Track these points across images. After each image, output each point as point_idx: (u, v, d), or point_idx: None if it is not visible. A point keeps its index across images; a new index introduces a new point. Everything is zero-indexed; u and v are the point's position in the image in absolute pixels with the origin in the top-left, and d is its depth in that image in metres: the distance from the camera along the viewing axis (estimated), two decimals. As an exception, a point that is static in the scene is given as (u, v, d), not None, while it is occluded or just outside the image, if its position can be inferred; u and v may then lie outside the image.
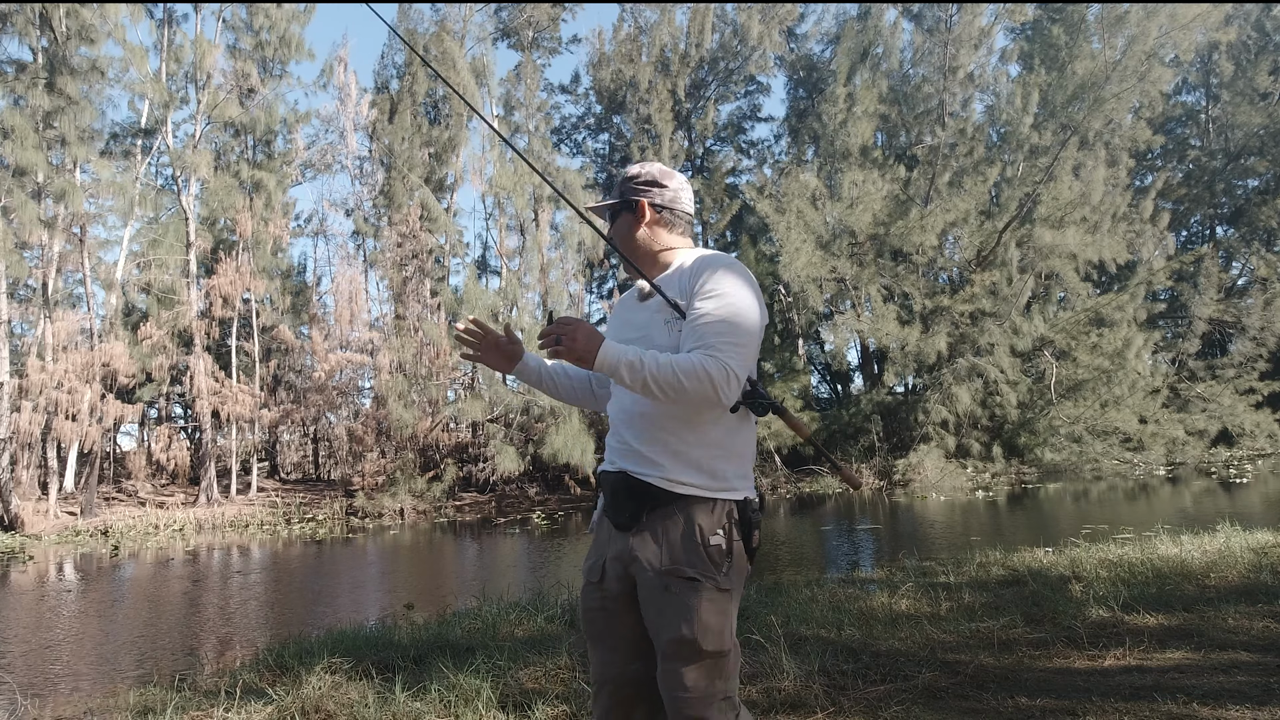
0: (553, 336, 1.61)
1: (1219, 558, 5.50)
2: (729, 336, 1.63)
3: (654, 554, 1.67)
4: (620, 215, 1.89)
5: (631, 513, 1.71)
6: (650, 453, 1.70)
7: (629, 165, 1.96)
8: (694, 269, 1.74)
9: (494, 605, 5.95)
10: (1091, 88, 22.37)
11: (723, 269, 1.71)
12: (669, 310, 1.72)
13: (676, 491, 1.67)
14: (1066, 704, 2.92)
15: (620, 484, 1.73)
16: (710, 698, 1.62)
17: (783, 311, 25.83)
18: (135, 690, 4.26)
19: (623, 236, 1.88)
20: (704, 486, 1.68)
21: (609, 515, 1.78)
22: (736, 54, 30.23)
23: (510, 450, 20.78)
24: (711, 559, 1.65)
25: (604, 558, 1.79)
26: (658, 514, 1.68)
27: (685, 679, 1.62)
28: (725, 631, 1.65)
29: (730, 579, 1.67)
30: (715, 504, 1.68)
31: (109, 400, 19.82)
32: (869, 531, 12.44)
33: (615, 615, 1.76)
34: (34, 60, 19.46)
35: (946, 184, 23.37)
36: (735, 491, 1.70)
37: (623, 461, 1.75)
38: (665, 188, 1.87)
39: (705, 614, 1.62)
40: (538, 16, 29.10)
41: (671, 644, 1.64)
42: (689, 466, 1.68)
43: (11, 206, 18.63)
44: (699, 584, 1.63)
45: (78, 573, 12.66)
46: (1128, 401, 21.35)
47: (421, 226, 24.61)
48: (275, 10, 23.65)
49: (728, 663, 1.66)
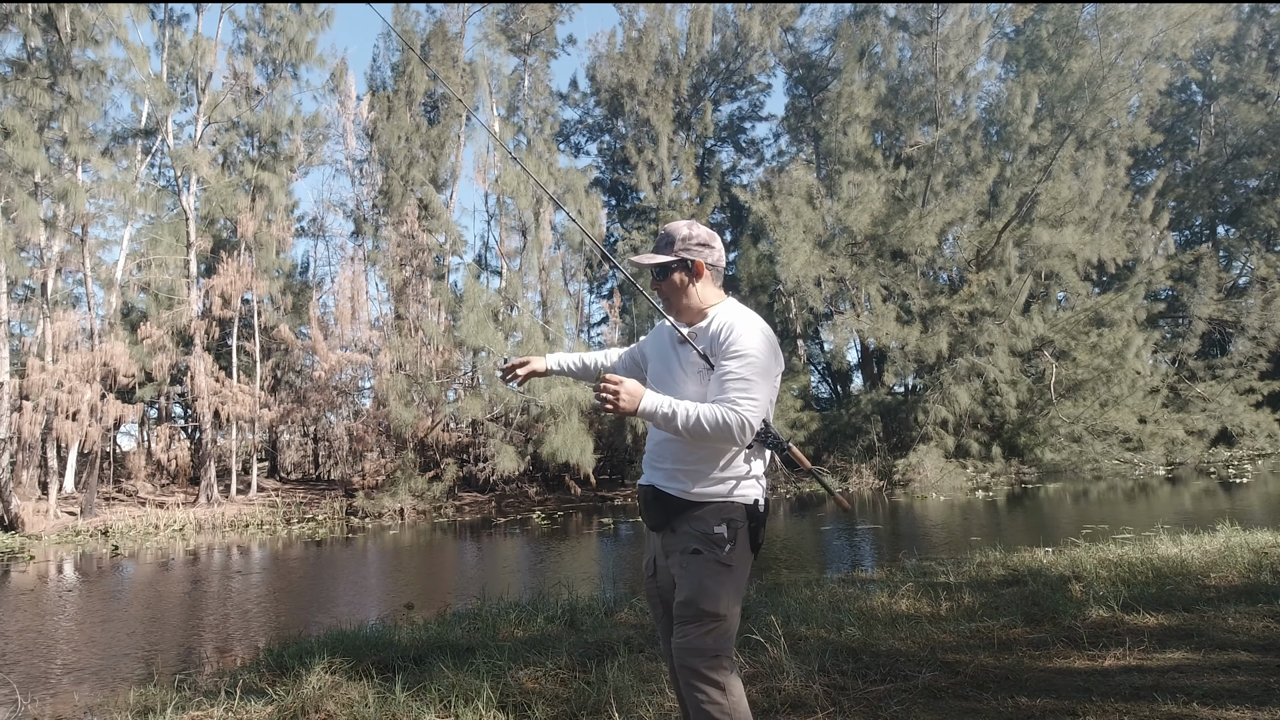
0: (603, 400, 1.98)
1: (1219, 558, 5.50)
2: (747, 392, 1.98)
3: (677, 545, 2.10)
4: (675, 271, 2.20)
5: (661, 518, 2.15)
6: (675, 470, 2.11)
7: (677, 224, 2.26)
8: (723, 327, 2.09)
9: (494, 605, 5.95)
10: (1089, 86, 22.37)
11: (750, 332, 2.06)
12: (700, 360, 2.10)
13: (694, 500, 2.08)
14: (1066, 704, 2.92)
15: (651, 495, 2.17)
16: (701, 651, 1.99)
17: (782, 311, 25.82)
18: (135, 690, 4.26)
19: (676, 290, 2.20)
20: (715, 495, 2.08)
21: (643, 520, 2.25)
22: (736, 54, 30.23)
23: (510, 449, 20.78)
24: (714, 540, 2.05)
25: (653, 554, 2.26)
26: (681, 518, 2.10)
27: (684, 632, 2.02)
28: (721, 598, 2.01)
29: (731, 557, 2.04)
30: (723, 506, 2.08)
31: (109, 400, 19.82)
32: (869, 531, 12.44)
33: (662, 599, 2.22)
34: (33, 61, 19.44)
35: (945, 184, 23.34)
36: (744, 497, 2.09)
37: (653, 476, 2.18)
38: (714, 249, 2.22)
39: (705, 579, 2.02)
40: (535, 19, 29.08)
41: (678, 605, 2.05)
42: (705, 483, 2.08)
43: (11, 206, 18.62)
44: (701, 554, 2.04)
45: (78, 573, 12.66)
46: (1127, 401, 21.34)
47: (421, 226, 24.60)
48: (290, 13, 23.62)
49: (722, 626, 2.02)
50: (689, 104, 29.54)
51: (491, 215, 27.18)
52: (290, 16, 23.72)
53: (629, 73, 27.81)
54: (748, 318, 2.11)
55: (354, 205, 28.44)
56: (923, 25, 24.60)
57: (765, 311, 25.24)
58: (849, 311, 24.34)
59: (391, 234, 24.71)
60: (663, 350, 2.27)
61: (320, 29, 24.41)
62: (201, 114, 22.92)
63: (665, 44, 28.59)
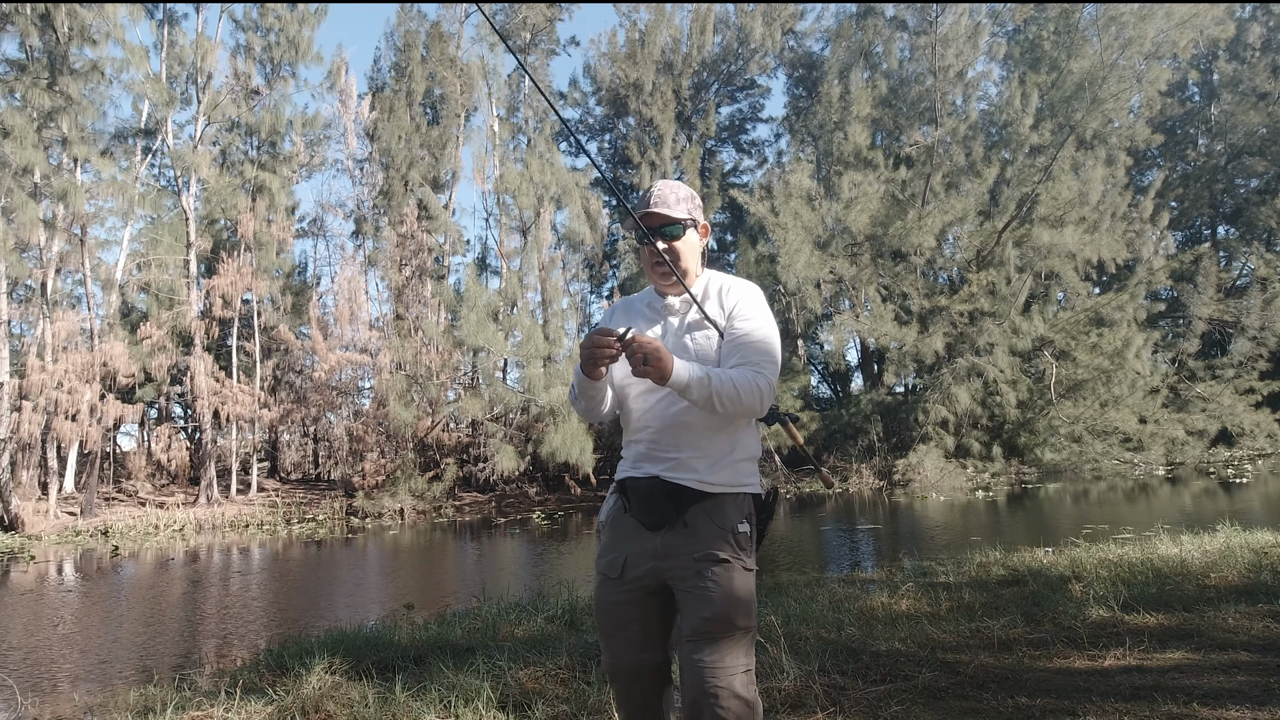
0: (640, 356, 1.70)
1: (1219, 558, 5.50)
2: (769, 355, 1.86)
3: (689, 546, 1.85)
4: (689, 229, 2.01)
5: (668, 513, 1.87)
6: (686, 458, 1.88)
7: (671, 183, 2.03)
8: (727, 291, 1.95)
9: (494, 605, 5.95)
10: (1089, 86, 22.36)
11: (754, 295, 1.95)
12: (701, 324, 1.92)
13: (709, 491, 1.87)
14: (1066, 704, 2.92)
15: (657, 488, 1.89)
16: (736, 669, 1.77)
17: (782, 311, 25.82)
18: (135, 690, 4.26)
19: (691, 251, 2.00)
20: (730, 484, 1.89)
21: (640, 517, 1.92)
22: (738, 55, 30.23)
23: (509, 449, 20.78)
24: (739, 544, 1.86)
25: (624, 554, 1.93)
26: (691, 511, 1.87)
27: (717, 650, 1.77)
28: (753, 609, 1.84)
29: (753, 560, 1.88)
30: (739, 498, 1.90)
31: (109, 400, 19.82)
32: (869, 531, 12.44)
33: (635, 608, 1.92)
34: (32, 61, 19.44)
35: (944, 184, 23.34)
36: (752, 487, 1.93)
37: (653, 467, 1.91)
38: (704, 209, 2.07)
39: (738, 590, 1.82)
40: (534, 18, 29.08)
41: (707, 621, 1.78)
42: (719, 468, 1.88)
43: (11, 206, 18.62)
44: (730, 564, 1.83)
45: (78, 573, 12.66)
46: (1127, 401, 21.33)
47: (421, 226, 24.61)
48: (286, 11, 23.64)
49: (751, 639, 1.84)
50: (690, 104, 29.54)
51: (490, 214, 27.18)
52: (286, 15, 23.72)
53: (633, 73, 27.82)
54: (740, 280, 1.99)
55: (354, 205, 28.46)
56: (923, 25, 24.60)
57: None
58: (849, 312, 24.34)
59: (391, 234, 24.71)
60: (638, 319, 2.03)
61: (316, 25, 24.40)
62: (201, 114, 22.91)
63: (666, 44, 28.61)
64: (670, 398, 1.89)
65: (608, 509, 2.03)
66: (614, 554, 1.94)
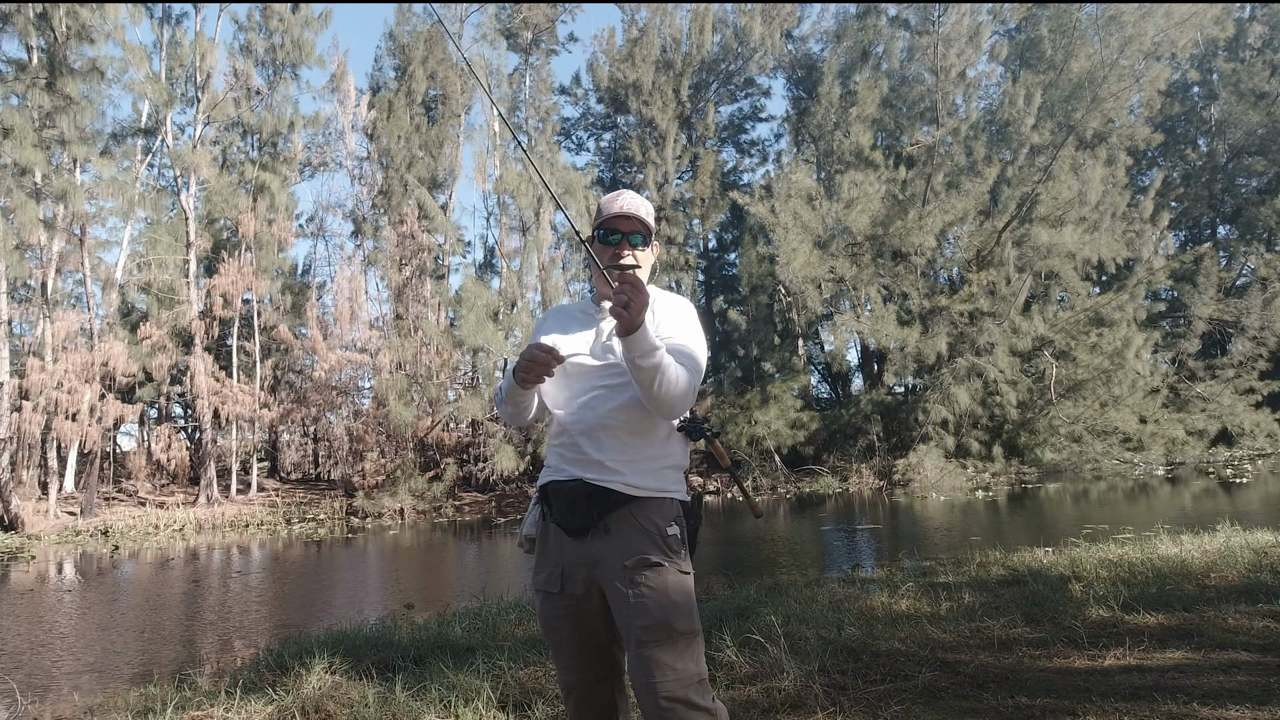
0: (624, 298, 1.62)
1: (1219, 558, 5.49)
2: (695, 364, 1.84)
3: (617, 552, 1.79)
4: (651, 244, 2.01)
5: (589, 517, 1.81)
6: (610, 461, 1.82)
7: (630, 193, 2.01)
8: (660, 303, 1.93)
9: (494, 605, 5.95)
10: (1089, 86, 22.36)
11: (685, 308, 1.95)
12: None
13: (633, 495, 1.82)
14: (1066, 704, 2.92)
15: (579, 491, 1.82)
16: (687, 678, 1.71)
17: (782, 311, 25.82)
18: (135, 690, 4.26)
19: (647, 262, 2.00)
20: (656, 489, 1.85)
21: (560, 522, 1.86)
22: (737, 55, 30.23)
23: (509, 449, 20.78)
24: (670, 546, 1.81)
25: (560, 567, 1.86)
26: (615, 516, 1.81)
27: (661, 661, 1.71)
28: (693, 611, 1.78)
29: (688, 564, 1.83)
30: (665, 503, 1.85)
31: (109, 400, 19.82)
32: (869, 531, 12.44)
33: (579, 621, 1.85)
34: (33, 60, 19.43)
35: (945, 184, 23.33)
36: (679, 494, 1.90)
37: (577, 470, 1.84)
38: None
39: (673, 594, 1.75)
40: (535, 18, 29.09)
41: (645, 629, 1.72)
42: (643, 473, 1.84)
43: (11, 206, 18.62)
44: (663, 567, 1.77)
45: (78, 573, 12.66)
46: (1127, 401, 21.33)
47: (420, 226, 24.61)
48: (290, 14, 23.66)
49: (697, 644, 1.77)
50: (689, 104, 29.54)
51: (491, 214, 27.19)
52: (290, 18, 23.75)
53: (633, 72, 27.82)
54: (674, 295, 2.00)
55: (353, 205, 28.46)
56: (924, 24, 24.60)
57: (765, 311, 25.27)
58: (849, 312, 24.33)
59: (391, 234, 24.71)
60: (572, 325, 1.98)
61: (320, 29, 24.44)
62: (201, 114, 22.92)
63: (667, 44, 28.61)
64: (596, 400, 1.85)
65: (531, 520, 1.96)
66: (550, 568, 1.87)
